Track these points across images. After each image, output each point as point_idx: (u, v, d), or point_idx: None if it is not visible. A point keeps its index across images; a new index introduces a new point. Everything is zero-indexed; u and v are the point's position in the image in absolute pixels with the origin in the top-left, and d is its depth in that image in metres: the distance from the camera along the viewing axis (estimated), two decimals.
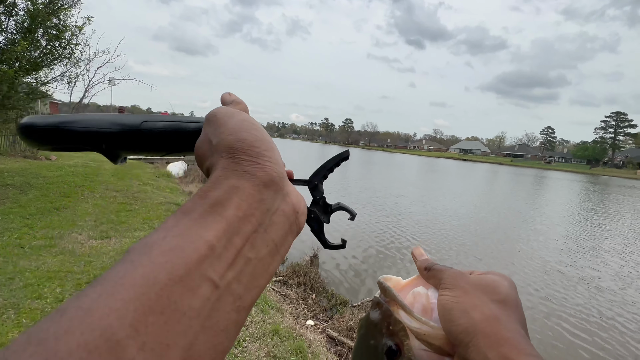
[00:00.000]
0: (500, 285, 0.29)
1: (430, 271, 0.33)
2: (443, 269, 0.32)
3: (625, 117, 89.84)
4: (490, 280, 0.29)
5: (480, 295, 0.28)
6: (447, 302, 0.28)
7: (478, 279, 0.29)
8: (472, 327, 0.25)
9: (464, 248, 7.46)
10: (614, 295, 5.63)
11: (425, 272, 0.34)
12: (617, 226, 12.09)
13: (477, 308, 0.27)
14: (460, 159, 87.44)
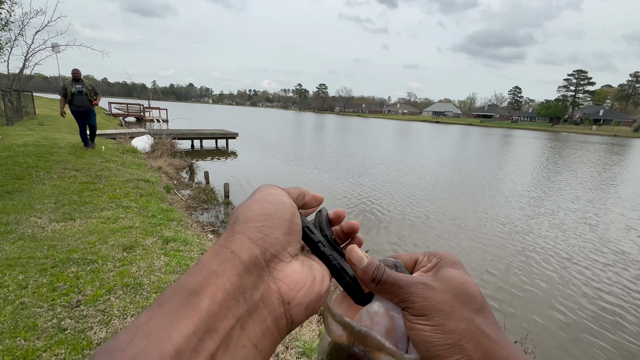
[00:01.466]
0: (469, 286, 0.26)
1: (380, 284, 0.26)
2: (399, 281, 0.25)
3: (585, 74, 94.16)
4: (460, 284, 0.26)
5: (462, 313, 0.24)
6: (430, 336, 0.23)
7: (448, 288, 0.25)
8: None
9: (432, 204, 7.86)
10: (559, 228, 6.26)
11: (374, 285, 0.26)
12: (563, 179, 13.15)
13: (466, 335, 0.23)
14: (434, 121, 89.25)
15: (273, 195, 0.26)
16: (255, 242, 0.22)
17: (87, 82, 6.86)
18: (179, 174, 8.64)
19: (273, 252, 0.22)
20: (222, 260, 0.20)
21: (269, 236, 0.22)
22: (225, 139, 15.34)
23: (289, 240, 0.24)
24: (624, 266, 5.34)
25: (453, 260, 0.28)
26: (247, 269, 0.20)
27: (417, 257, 0.30)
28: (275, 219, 0.24)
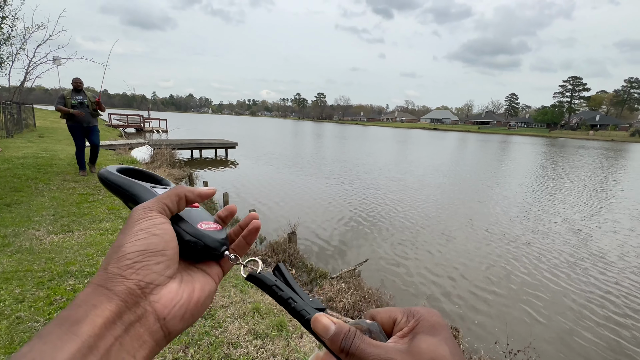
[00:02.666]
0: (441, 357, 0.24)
1: (349, 356, 0.25)
2: (366, 355, 0.24)
3: (580, 81, 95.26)
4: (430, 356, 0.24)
5: None
6: None
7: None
8: None
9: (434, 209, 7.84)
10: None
11: (344, 356, 0.26)
12: (557, 184, 13.17)
13: None
14: (432, 128, 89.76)
15: (145, 230, 0.27)
16: (128, 278, 0.24)
17: (89, 93, 5.90)
18: (178, 184, 8.63)
19: (148, 281, 0.25)
20: (99, 295, 0.23)
21: (142, 270, 0.25)
22: (224, 149, 15.40)
23: (163, 268, 0.27)
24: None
25: (432, 323, 0.26)
26: (123, 299, 0.23)
27: (396, 316, 0.28)
28: (149, 254, 0.26)
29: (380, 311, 0.29)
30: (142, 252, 0.26)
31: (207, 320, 2.42)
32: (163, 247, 0.27)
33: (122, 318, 0.23)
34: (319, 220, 6.71)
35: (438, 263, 5.23)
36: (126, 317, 0.23)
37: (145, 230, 0.27)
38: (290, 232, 5.16)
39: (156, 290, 0.26)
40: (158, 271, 0.26)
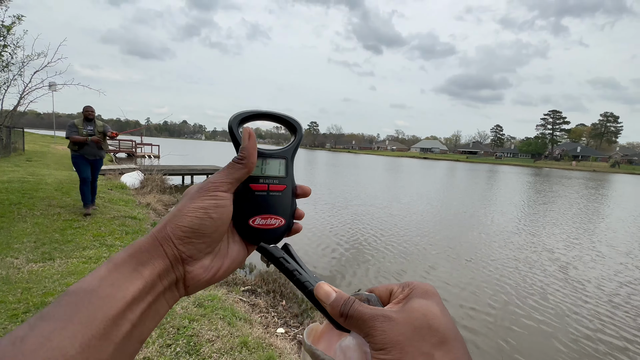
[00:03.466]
0: (432, 317, 0.25)
1: (348, 319, 0.28)
2: (363, 315, 0.27)
3: (560, 114, 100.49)
4: (422, 316, 0.25)
5: (420, 346, 0.24)
6: None
7: (408, 320, 0.25)
8: None
9: (429, 234, 7.81)
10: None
11: (343, 320, 0.28)
12: (541, 211, 13.41)
13: None
14: (422, 157, 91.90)
15: (205, 210, 0.31)
16: (177, 246, 0.29)
17: (99, 123, 5.32)
18: (168, 210, 8.46)
19: (189, 255, 0.30)
20: (156, 249, 0.29)
21: (189, 245, 0.30)
22: None
23: (205, 247, 0.31)
24: None
25: (425, 289, 0.28)
26: (171, 261, 0.29)
27: (393, 288, 0.30)
28: (199, 234, 0.30)
29: (378, 286, 0.32)
30: (195, 231, 0.30)
31: (191, 356, 2.29)
32: (212, 231, 0.31)
33: (168, 274, 0.29)
34: (310, 249, 6.59)
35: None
36: (170, 274, 0.29)
37: (205, 210, 0.31)
38: None
39: (192, 263, 0.30)
40: (200, 249, 0.31)
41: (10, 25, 5.55)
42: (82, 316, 0.22)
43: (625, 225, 11.62)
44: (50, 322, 0.21)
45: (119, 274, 0.26)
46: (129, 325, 0.24)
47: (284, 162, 0.38)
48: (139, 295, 0.26)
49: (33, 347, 0.19)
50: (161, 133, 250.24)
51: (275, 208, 0.37)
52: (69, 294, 0.23)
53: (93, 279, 0.25)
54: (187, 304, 2.97)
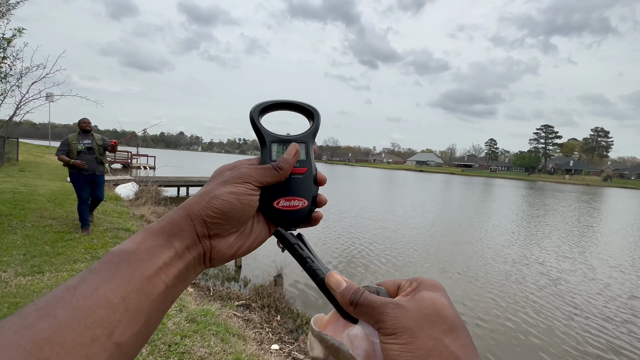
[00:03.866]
0: (442, 307, 0.27)
1: (358, 307, 0.29)
2: (373, 303, 0.28)
3: (552, 129, 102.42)
4: (431, 304, 0.27)
5: (430, 332, 0.25)
6: (398, 355, 0.25)
7: (419, 308, 0.26)
8: None
9: (425, 247, 7.78)
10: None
11: (352, 308, 0.29)
12: (537, 225, 13.48)
13: (433, 353, 0.24)
14: (418, 170, 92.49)
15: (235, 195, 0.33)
16: (207, 224, 0.32)
17: (97, 136, 4.93)
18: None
19: (216, 232, 0.33)
20: (187, 224, 0.31)
21: (217, 224, 0.32)
22: None
23: (231, 229, 0.34)
24: None
25: (433, 283, 0.29)
26: (198, 235, 0.32)
27: (400, 282, 0.32)
28: (228, 217, 0.33)
29: (386, 281, 0.34)
30: (224, 213, 0.32)
31: None
32: (240, 215, 0.34)
33: (195, 247, 0.31)
34: None
35: None
36: (197, 247, 0.32)
37: (235, 195, 0.33)
38: (276, 274, 4.98)
39: (218, 239, 0.33)
40: (227, 229, 0.33)
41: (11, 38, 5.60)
42: (122, 273, 0.26)
43: (617, 239, 11.70)
44: (97, 275, 0.25)
45: (153, 241, 0.29)
46: (163, 286, 0.28)
47: (303, 146, 0.40)
48: (169, 262, 0.29)
49: (84, 293, 0.23)
50: (157, 144, 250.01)
51: (298, 190, 0.38)
52: (112, 254, 0.27)
53: (132, 243, 0.28)
54: (180, 319, 2.90)
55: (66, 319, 0.22)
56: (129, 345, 0.25)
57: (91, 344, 0.22)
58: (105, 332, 0.23)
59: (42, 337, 0.21)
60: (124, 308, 0.24)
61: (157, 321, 0.28)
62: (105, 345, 0.23)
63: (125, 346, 0.24)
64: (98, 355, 0.22)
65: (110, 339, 0.23)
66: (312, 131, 0.41)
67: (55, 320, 0.22)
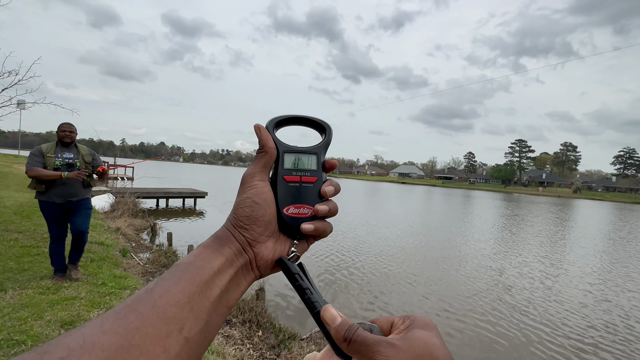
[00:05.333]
0: (433, 347, 0.27)
1: (351, 344, 0.29)
2: (367, 340, 0.29)
3: (525, 143, 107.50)
4: (423, 344, 0.27)
5: None
6: None
7: (410, 348, 0.27)
8: None
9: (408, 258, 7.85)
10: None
11: (346, 345, 0.30)
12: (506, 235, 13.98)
13: None
14: (400, 182, 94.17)
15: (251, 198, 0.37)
16: (242, 233, 0.36)
17: (84, 148, 3.68)
18: (139, 236, 8.05)
19: (252, 238, 0.36)
20: (229, 236, 0.36)
21: (249, 230, 0.36)
22: (193, 198, 14.91)
23: (263, 232, 0.37)
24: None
25: (425, 322, 0.30)
26: (240, 245, 0.35)
27: (394, 320, 0.33)
28: (253, 219, 0.36)
29: (380, 318, 0.35)
30: (249, 217, 0.36)
31: None
32: (262, 214, 0.37)
33: (241, 254, 0.35)
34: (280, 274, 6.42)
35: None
36: (243, 254, 0.35)
37: (251, 199, 0.37)
38: (258, 288, 4.87)
39: (258, 245, 0.36)
40: (259, 232, 0.36)
41: None
42: (186, 278, 0.30)
43: (586, 249, 12.26)
44: (167, 281, 0.30)
45: (206, 252, 0.33)
46: (218, 290, 0.31)
47: (314, 157, 0.42)
48: (222, 268, 0.33)
49: (159, 294, 0.28)
50: (136, 154, 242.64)
51: (308, 198, 0.40)
52: (176, 265, 0.32)
53: (190, 256, 0.33)
54: None
55: (148, 314, 0.27)
56: (195, 341, 0.29)
57: (167, 336, 0.26)
58: (177, 327, 0.27)
59: (132, 327, 0.25)
60: (190, 307, 0.29)
61: (217, 324, 0.32)
62: (177, 338, 0.27)
63: (192, 342, 0.28)
64: (172, 347, 0.26)
65: (181, 333, 0.27)
66: (323, 144, 0.43)
67: (140, 314, 0.26)
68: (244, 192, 0.37)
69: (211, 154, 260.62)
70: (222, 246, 0.34)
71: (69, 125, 3.55)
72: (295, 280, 0.37)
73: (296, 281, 0.37)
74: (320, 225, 0.39)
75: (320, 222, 0.39)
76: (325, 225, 0.40)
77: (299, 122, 0.44)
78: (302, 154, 0.42)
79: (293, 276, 0.38)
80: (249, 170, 0.39)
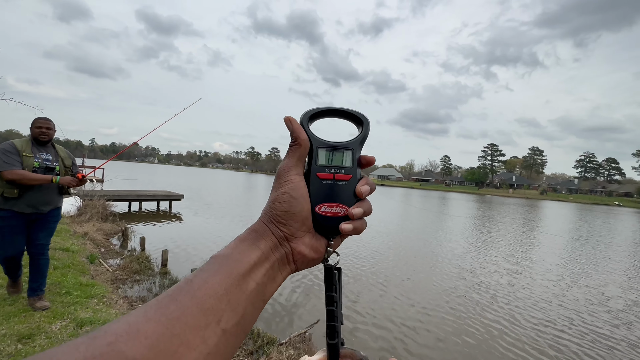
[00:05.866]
0: None
1: None
2: None
3: (497, 147, 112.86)
4: None
5: None
6: None
7: None
8: None
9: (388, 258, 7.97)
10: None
11: None
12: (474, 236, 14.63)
13: None
14: (380, 184, 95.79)
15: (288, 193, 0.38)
16: (280, 228, 0.37)
17: (62, 150, 3.15)
18: (109, 241, 7.66)
19: (289, 233, 0.37)
20: (266, 230, 0.37)
21: (287, 226, 0.37)
22: (168, 201, 14.40)
23: (301, 227, 0.38)
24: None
25: None
26: (277, 239, 0.37)
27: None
28: (290, 214, 0.37)
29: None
30: (286, 212, 0.37)
31: None
32: (300, 210, 0.38)
33: (278, 248, 0.36)
34: None
35: (388, 318, 5.16)
36: (280, 248, 0.36)
37: (289, 194, 0.38)
38: None
39: (295, 240, 0.37)
40: (296, 227, 0.37)
41: None
42: (223, 270, 0.31)
43: (548, 247, 13.01)
44: (205, 272, 0.31)
45: (243, 246, 0.35)
46: (254, 283, 0.33)
47: (350, 153, 0.40)
48: (258, 261, 0.34)
49: (198, 285, 0.29)
50: (107, 155, 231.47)
51: (341, 197, 0.39)
52: (214, 258, 0.33)
53: (227, 249, 0.34)
54: None
55: (188, 304, 0.28)
56: (232, 334, 0.30)
57: (206, 327, 0.28)
58: (215, 319, 0.28)
59: (173, 316, 0.27)
60: (227, 299, 0.30)
61: (252, 318, 0.33)
62: (215, 330, 0.28)
63: (229, 334, 0.29)
64: (210, 338, 0.28)
65: (219, 325, 0.29)
66: (359, 139, 0.41)
67: (180, 305, 0.28)
68: (280, 187, 0.38)
69: (188, 155, 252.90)
70: (258, 240, 0.35)
71: (46, 120, 2.94)
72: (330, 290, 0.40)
73: (332, 291, 0.39)
74: (358, 225, 0.39)
75: (358, 221, 0.39)
76: (362, 223, 0.40)
77: (334, 114, 0.42)
78: (337, 150, 0.40)
79: (331, 287, 0.40)
80: (284, 164, 0.39)
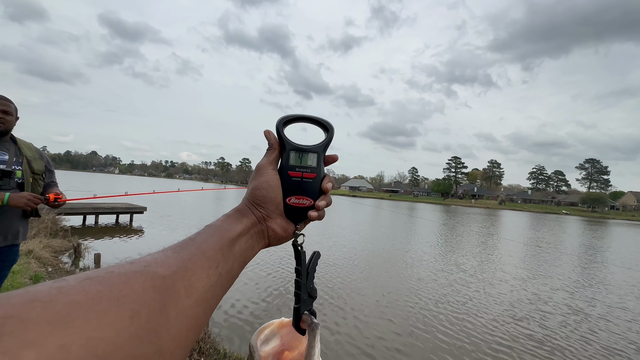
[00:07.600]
0: None
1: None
2: None
3: (460, 160, 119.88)
4: None
5: None
6: None
7: None
8: None
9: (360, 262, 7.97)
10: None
11: None
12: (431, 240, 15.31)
13: None
14: (351, 195, 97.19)
15: (267, 182, 0.48)
16: (258, 209, 0.47)
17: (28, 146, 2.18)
18: (58, 259, 6.97)
19: (266, 214, 0.47)
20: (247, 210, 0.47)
21: (264, 207, 0.47)
22: (129, 214, 13.49)
23: (275, 210, 0.48)
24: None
25: None
26: (256, 218, 0.46)
27: None
28: (267, 199, 0.47)
29: None
30: (264, 197, 0.47)
31: None
32: (274, 196, 0.48)
33: (257, 225, 0.46)
34: (235, 294, 6.07)
35: (364, 329, 5.13)
36: (258, 225, 0.46)
37: (267, 182, 0.48)
38: None
39: (270, 220, 0.47)
40: (271, 209, 0.47)
41: None
42: (218, 234, 0.40)
43: (505, 253, 13.85)
44: (204, 234, 0.39)
45: (230, 220, 0.44)
46: (239, 248, 0.42)
47: (315, 155, 0.50)
48: (242, 232, 0.43)
49: (200, 241, 0.38)
50: (60, 165, 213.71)
51: (307, 191, 0.49)
52: (209, 226, 0.41)
53: (217, 221, 0.43)
54: None
55: (195, 252, 0.36)
56: (225, 278, 0.38)
57: (209, 268, 0.36)
58: (214, 264, 0.37)
59: (186, 258, 0.34)
60: (222, 254, 0.38)
61: (237, 271, 0.41)
62: (215, 272, 0.36)
63: (223, 277, 0.38)
64: (211, 277, 0.36)
65: (217, 269, 0.37)
66: (324, 143, 0.51)
67: (189, 252, 0.36)
68: (260, 177, 0.48)
69: (153, 165, 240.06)
70: (242, 217, 0.45)
71: (4, 100, 1.94)
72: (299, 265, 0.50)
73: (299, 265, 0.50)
74: (322, 213, 0.50)
75: (322, 211, 0.50)
76: (324, 212, 0.51)
77: (305, 120, 0.51)
78: (305, 152, 0.49)
79: (299, 262, 0.50)
80: (263, 161, 0.50)
